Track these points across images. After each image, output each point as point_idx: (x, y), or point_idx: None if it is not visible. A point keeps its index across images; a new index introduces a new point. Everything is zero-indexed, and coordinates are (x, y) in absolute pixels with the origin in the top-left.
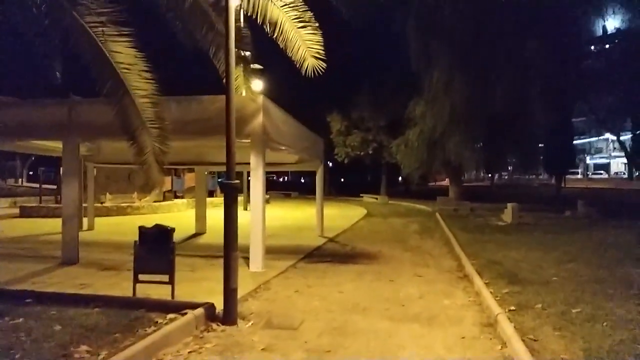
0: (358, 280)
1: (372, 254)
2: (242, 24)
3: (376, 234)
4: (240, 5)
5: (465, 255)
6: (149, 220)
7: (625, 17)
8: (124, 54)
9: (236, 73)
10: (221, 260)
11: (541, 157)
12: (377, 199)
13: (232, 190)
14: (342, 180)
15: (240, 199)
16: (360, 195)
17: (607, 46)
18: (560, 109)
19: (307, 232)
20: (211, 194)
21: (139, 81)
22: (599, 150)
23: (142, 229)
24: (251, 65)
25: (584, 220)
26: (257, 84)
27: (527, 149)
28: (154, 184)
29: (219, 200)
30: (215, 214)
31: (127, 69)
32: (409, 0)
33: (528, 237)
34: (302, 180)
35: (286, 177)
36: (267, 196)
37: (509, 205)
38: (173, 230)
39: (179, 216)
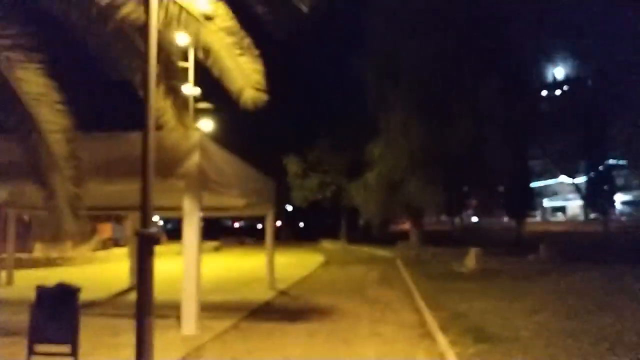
0: (308, 343)
1: (326, 308)
2: (175, 57)
3: (332, 284)
4: (173, 35)
5: (427, 307)
6: (80, 272)
7: (574, 64)
8: (32, 83)
9: (166, 106)
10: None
11: (501, 200)
12: (335, 244)
13: (147, 240)
14: (302, 225)
15: None
16: (319, 240)
17: (558, 92)
18: (517, 152)
19: (256, 285)
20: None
21: (50, 114)
22: (555, 193)
23: (40, 290)
24: (199, 104)
25: (547, 264)
26: (207, 124)
27: (486, 192)
28: (67, 234)
29: (165, 249)
30: (158, 264)
31: (36, 99)
32: (366, 45)
33: (493, 284)
34: (259, 226)
35: (241, 223)
36: (218, 243)
37: (472, 250)
38: (78, 290)
39: (116, 267)
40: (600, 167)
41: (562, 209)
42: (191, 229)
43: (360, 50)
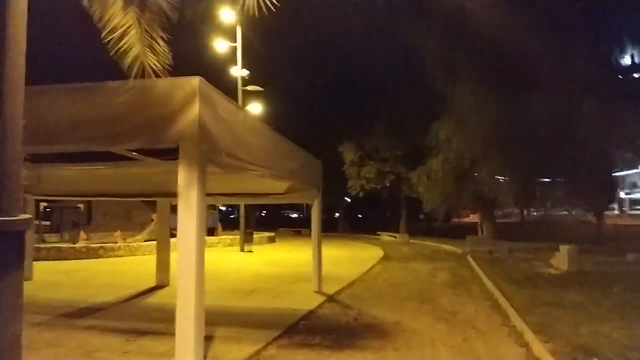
0: None
1: (387, 327)
2: None
3: (394, 287)
4: None
5: (531, 331)
6: (116, 265)
7: None
8: None
9: (126, 22)
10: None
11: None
12: (396, 237)
13: None
14: (359, 216)
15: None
16: (377, 233)
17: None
18: (609, 135)
19: (302, 285)
20: (211, 231)
21: None
22: (633, 185)
23: None
24: (249, 87)
25: None
26: (255, 107)
27: (575, 180)
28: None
29: (217, 239)
30: (209, 257)
31: None
32: (431, 11)
33: (604, 294)
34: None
35: (300, 213)
36: (272, 234)
37: (563, 248)
38: None
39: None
40: None
41: None
42: (188, 213)
43: (422, 16)
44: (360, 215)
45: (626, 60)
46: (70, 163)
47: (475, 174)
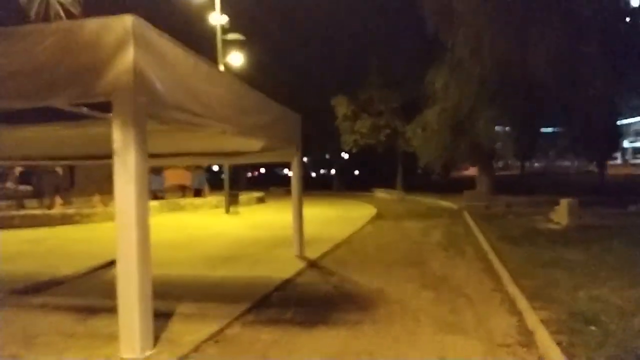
0: None
1: (367, 296)
2: None
3: (383, 249)
4: None
5: (524, 297)
6: (92, 230)
7: None
8: None
9: None
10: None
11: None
12: (391, 194)
13: None
14: (356, 173)
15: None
16: (372, 190)
17: None
18: (613, 80)
19: (283, 251)
20: (198, 193)
21: None
22: (637, 133)
23: None
24: (229, 36)
25: None
26: (235, 57)
27: (577, 129)
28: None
29: (202, 201)
30: (191, 220)
31: None
32: None
33: (605, 251)
34: (313, 174)
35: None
36: (261, 194)
37: (563, 201)
38: None
39: None
40: None
41: None
42: (125, 178)
43: None
44: (357, 172)
45: (634, 2)
46: (28, 124)
47: (473, 124)
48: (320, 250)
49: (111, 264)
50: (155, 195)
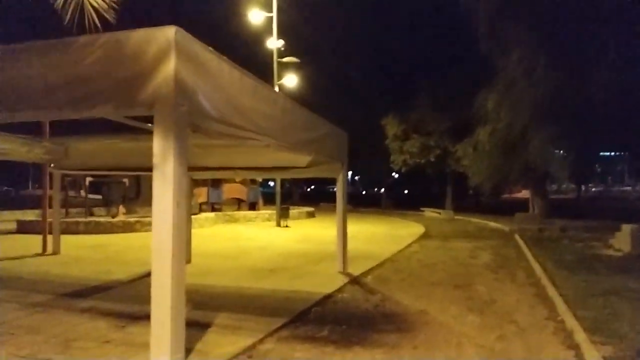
0: None
1: (408, 317)
2: None
3: (428, 269)
4: None
5: (582, 329)
6: (149, 239)
7: None
8: None
9: None
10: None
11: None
12: (440, 213)
13: None
14: (406, 192)
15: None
16: (421, 209)
17: None
18: None
19: (326, 265)
20: (252, 206)
21: None
22: None
23: None
24: (285, 59)
25: None
26: (290, 78)
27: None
28: None
29: (255, 214)
30: (244, 232)
31: None
32: None
33: None
34: (363, 192)
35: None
36: (312, 209)
37: (626, 227)
38: None
39: (196, 234)
40: None
41: None
42: (164, 188)
43: None
44: (406, 191)
45: None
46: (93, 136)
47: (526, 145)
48: (364, 267)
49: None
50: (213, 208)
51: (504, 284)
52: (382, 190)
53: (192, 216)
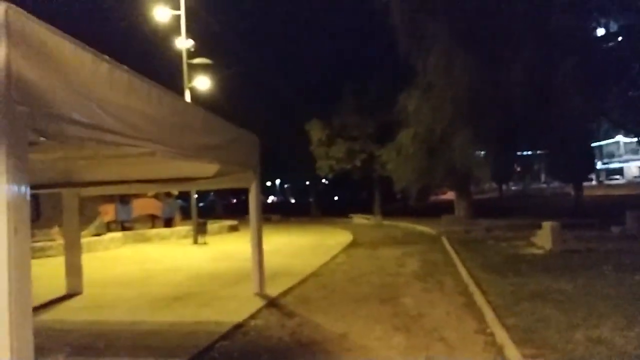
0: None
1: (327, 345)
2: None
3: (353, 282)
4: None
5: (512, 342)
6: (43, 266)
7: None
8: None
9: None
10: None
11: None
12: (369, 219)
13: None
14: (335, 199)
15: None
16: (349, 215)
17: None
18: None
19: (242, 287)
20: (168, 222)
21: None
22: (610, 155)
23: None
24: (196, 60)
25: None
26: (202, 81)
27: (554, 152)
28: None
29: (170, 231)
30: (154, 252)
31: None
32: None
33: (596, 280)
34: (292, 201)
35: (275, 199)
36: (235, 223)
37: (546, 225)
38: None
39: (98, 258)
40: None
41: (619, 171)
42: None
43: None
44: (336, 198)
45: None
46: None
47: (448, 147)
48: (284, 286)
49: (47, 305)
50: (123, 226)
51: (432, 294)
52: (311, 198)
53: (96, 237)
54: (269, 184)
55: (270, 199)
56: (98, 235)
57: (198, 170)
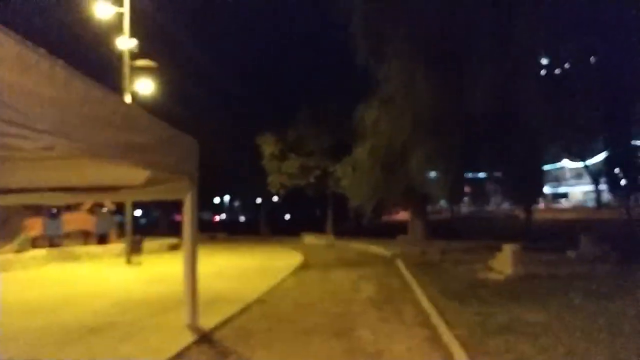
0: None
1: None
2: None
3: (302, 311)
4: None
5: None
6: None
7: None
8: None
9: None
10: None
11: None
12: (320, 239)
13: None
14: (288, 216)
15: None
16: (301, 235)
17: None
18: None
19: (172, 317)
20: (102, 239)
21: None
22: (556, 179)
23: None
24: (139, 62)
25: (602, 264)
26: (145, 85)
27: (506, 174)
28: None
29: (102, 249)
30: (78, 273)
31: None
32: None
33: (566, 309)
34: (242, 219)
35: (223, 216)
36: (176, 241)
37: (506, 247)
38: None
39: (13, 278)
40: (623, 147)
41: (565, 195)
42: None
43: None
44: (288, 215)
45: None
46: None
47: (405, 164)
48: (223, 315)
49: None
50: (51, 243)
51: (390, 325)
52: (261, 216)
53: (15, 255)
54: (217, 200)
55: (218, 217)
56: (21, 251)
57: (124, 176)
